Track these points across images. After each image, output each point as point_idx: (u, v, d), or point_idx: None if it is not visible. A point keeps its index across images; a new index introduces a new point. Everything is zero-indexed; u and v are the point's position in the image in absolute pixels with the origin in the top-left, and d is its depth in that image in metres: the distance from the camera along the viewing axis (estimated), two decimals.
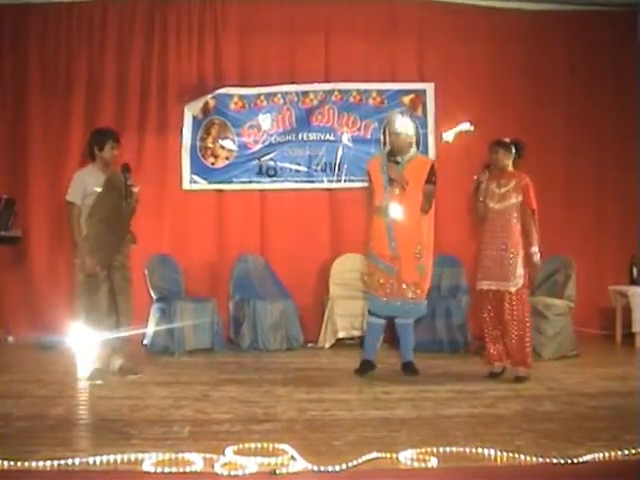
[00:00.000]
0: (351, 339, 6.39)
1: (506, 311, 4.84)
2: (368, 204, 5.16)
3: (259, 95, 6.82)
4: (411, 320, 5.08)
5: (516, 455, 3.12)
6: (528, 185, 4.85)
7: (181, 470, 2.93)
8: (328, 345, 6.34)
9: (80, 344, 4.93)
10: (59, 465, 2.96)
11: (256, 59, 6.87)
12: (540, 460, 3.05)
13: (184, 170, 6.76)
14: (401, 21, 6.95)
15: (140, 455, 3.09)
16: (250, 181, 6.82)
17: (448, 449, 3.20)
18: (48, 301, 6.47)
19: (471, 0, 7.00)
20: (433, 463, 3.04)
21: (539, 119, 6.88)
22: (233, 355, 5.96)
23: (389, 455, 3.13)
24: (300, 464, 3.00)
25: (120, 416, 3.87)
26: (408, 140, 5.00)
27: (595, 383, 4.86)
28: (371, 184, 5.09)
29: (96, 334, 4.79)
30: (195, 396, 4.37)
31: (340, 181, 6.85)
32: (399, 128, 4.97)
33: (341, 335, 6.35)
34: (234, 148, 6.82)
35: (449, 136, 5.51)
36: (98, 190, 4.80)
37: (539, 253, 4.82)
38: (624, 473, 2.97)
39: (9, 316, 6.55)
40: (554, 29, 7.08)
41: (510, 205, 4.87)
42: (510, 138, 5.00)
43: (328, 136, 6.86)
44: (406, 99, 6.92)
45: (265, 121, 6.83)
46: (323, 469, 2.92)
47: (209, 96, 6.71)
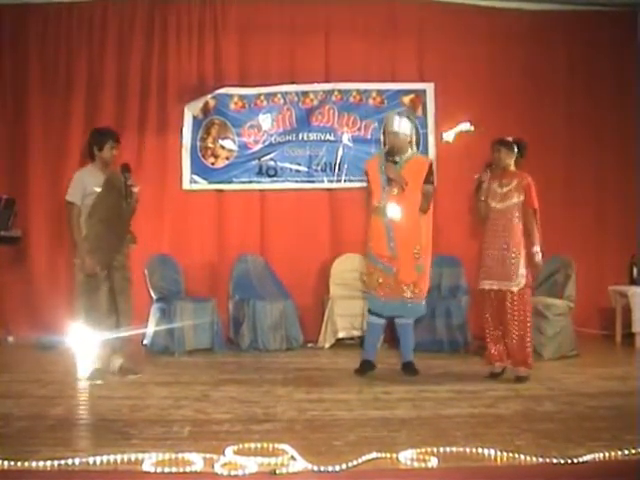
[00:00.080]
0: (351, 339, 6.39)
1: (507, 311, 4.84)
2: (366, 204, 5.16)
3: (259, 95, 6.82)
4: (411, 320, 5.08)
5: (516, 455, 3.12)
6: (530, 185, 4.85)
7: (181, 470, 2.93)
8: (328, 345, 6.34)
9: (80, 344, 4.93)
10: (59, 465, 2.96)
11: (256, 59, 6.87)
12: (540, 460, 3.05)
13: (184, 170, 6.76)
14: (401, 21, 6.95)
15: (140, 455, 3.10)
16: (250, 181, 6.82)
17: (448, 449, 3.20)
18: (48, 301, 6.48)
19: (471, 0, 7.00)
20: (433, 463, 3.04)
21: (539, 119, 6.88)
22: (233, 355, 5.96)
23: (389, 455, 3.13)
24: (300, 464, 3.01)
25: (120, 416, 3.87)
26: (406, 140, 5.00)
27: (595, 383, 4.86)
28: (369, 184, 5.09)
29: (96, 334, 4.80)
30: (195, 396, 4.37)
31: (340, 181, 6.86)
32: (397, 128, 4.97)
33: (341, 335, 6.35)
34: (234, 148, 6.82)
35: (449, 136, 5.51)
36: (98, 190, 4.80)
37: (541, 253, 4.82)
38: (624, 473, 2.97)
39: (9, 316, 6.56)
40: (554, 29, 7.08)
41: (512, 204, 4.86)
42: (513, 137, 4.99)
43: (328, 136, 6.86)
44: (406, 99, 6.92)
45: (265, 121, 6.83)
46: (323, 469, 2.92)
47: (209, 96, 6.71)
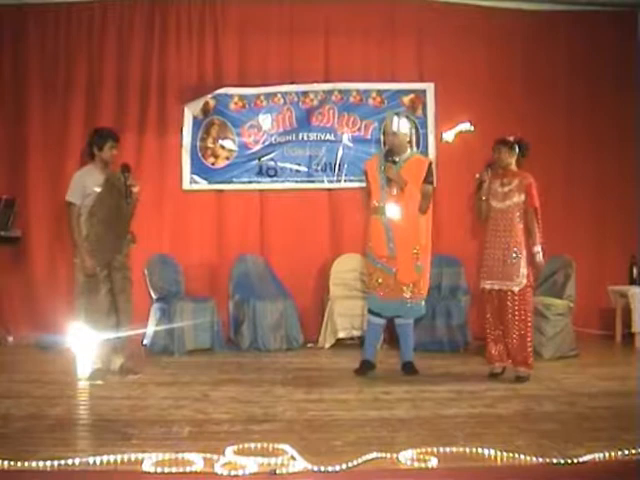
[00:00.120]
0: (351, 339, 6.38)
1: (508, 311, 4.84)
2: (365, 204, 5.16)
3: (259, 95, 6.81)
4: (410, 320, 5.08)
5: (516, 455, 3.12)
6: (531, 184, 4.84)
7: (181, 470, 2.94)
8: (328, 345, 6.33)
9: (80, 344, 4.93)
10: (59, 465, 2.96)
11: (256, 59, 6.86)
12: (540, 460, 3.06)
13: (184, 170, 6.75)
14: (401, 21, 6.94)
15: (140, 455, 3.10)
16: (250, 181, 6.82)
17: (448, 449, 3.20)
18: (48, 301, 6.47)
19: (471, 0, 7.00)
20: (433, 463, 3.05)
21: (539, 119, 6.86)
22: (233, 355, 5.96)
23: (389, 455, 3.13)
24: (300, 464, 3.01)
25: (120, 416, 3.88)
26: (405, 140, 5.00)
27: (595, 383, 4.86)
28: (368, 184, 5.09)
29: (96, 334, 4.80)
30: (195, 396, 4.37)
31: (340, 181, 6.85)
32: (395, 128, 4.97)
33: (341, 335, 6.34)
34: (234, 148, 6.81)
35: (449, 136, 5.52)
36: (98, 190, 4.80)
37: (542, 252, 4.81)
38: (624, 473, 2.98)
39: (9, 316, 6.55)
40: (554, 29, 7.07)
41: (513, 204, 4.85)
42: (514, 137, 4.98)
43: (328, 136, 6.86)
44: (406, 99, 6.92)
45: (265, 121, 6.83)
46: (323, 469, 2.92)
47: (209, 96, 6.71)
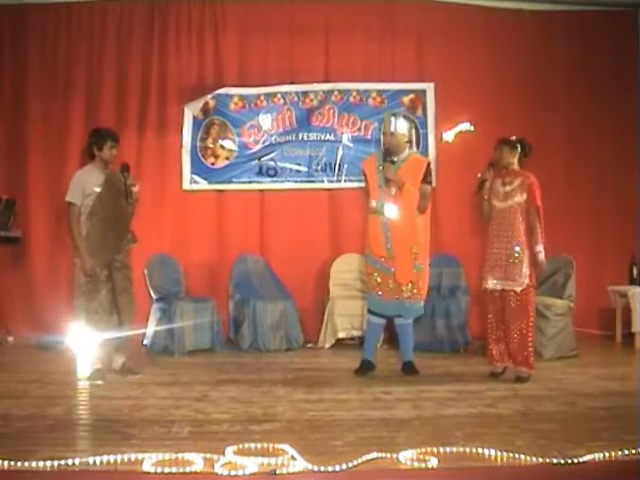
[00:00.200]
0: (351, 339, 6.38)
1: (510, 310, 4.83)
2: (365, 204, 5.16)
3: (259, 95, 6.81)
4: (410, 320, 5.08)
5: (516, 455, 3.12)
6: (533, 183, 4.82)
7: (181, 470, 2.94)
8: (328, 345, 6.33)
9: (80, 344, 4.93)
10: (59, 465, 2.96)
11: (256, 59, 6.86)
12: (540, 460, 3.06)
13: (184, 170, 6.76)
14: (401, 21, 6.95)
15: (140, 455, 3.10)
16: (250, 181, 6.82)
17: (448, 449, 3.20)
18: (48, 301, 6.48)
19: (471, 0, 7.00)
20: (433, 463, 3.05)
21: (539, 119, 6.87)
22: (233, 355, 5.96)
23: (389, 455, 3.13)
24: (300, 464, 3.01)
25: (120, 416, 3.87)
26: (403, 140, 4.99)
27: (595, 383, 4.86)
28: (367, 184, 5.09)
29: (96, 334, 4.80)
30: (195, 396, 4.37)
31: (340, 181, 6.85)
32: (393, 129, 4.96)
33: (341, 335, 6.34)
34: (234, 148, 6.82)
35: (449, 136, 5.52)
36: (98, 190, 4.80)
37: (544, 252, 4.79)
38: (624, 473, 2.98)
39: (9, 316, 6.55)
40: (554, 29, 7.07)
41: (515, 204, 4.84)
42: (516, 137, 4.96)
43: (328, 136, 6.86)
44: (406, 99, 6.92)
45: (265, 121, 6.83)
46: (323, 469, 2.92)
47: (209, 96, 6.71)
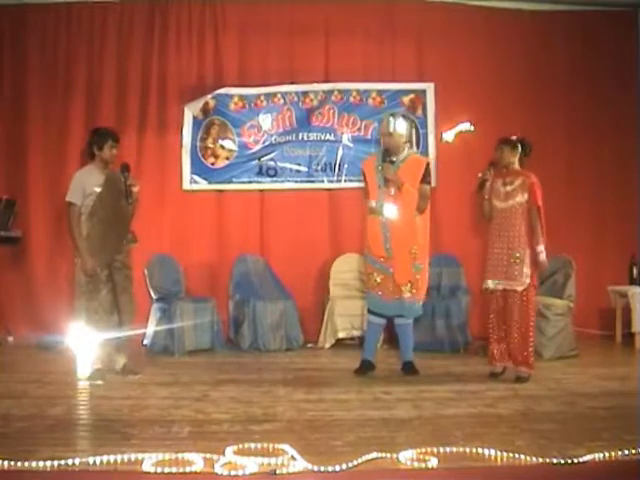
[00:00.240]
0: (351, 339, 6.38)
1: (511, 310, 4.83)
2: (364, 204, 5.16)
3: (259, 95, 6.81)
4: (410, 320, 5.08)
5: (516, 455, 3.12)
6: (534, 183, 4.81)
7: (181, 470, 2.94)
8: (328, 345, 6.33)
9: (80, 344, 4.93)
10: (59, 465, 2.96)
11: (256, 59, 6.86)
12: (540, 460, 3.05)
13: (184, 170, 6.76)
14: (401, 21, 6.94)
15: (140, 455, 3.10)
16: (250, 181, 6.82)
17: (448, 449, 3.20)
18: (48, 301, 6.48)
19: (471, 0, 7.00)
20: (433, 463, 3.05)
21: (539, 119, 6.86)
22: (233, 355, 5.96)
23: (389, 455, 3.13)
24: (300, 464, 3.01)
25: (120, 416, 3.87)
26: (401, 140, 4.99)
27: (595, 383, 4.86)
28: (366, 184, 5.09)
29: (97, 334, 4.79)
30: (195, 396, 4.37)
31: (340, 181, 6.85)
32: (391, 129, 4.96)
33: (341, 335, 6.34)
34: (234, 148, 6.82)
35: (449, 136, 5.52)
36: (98, 190, 4.80)
37: (545, 252, 4.78)
38: (624, 473, 2.98)
39: (9, 316, 6.55)
40: (554, 29, 7.07)
41: (516, 203, 4.84)
42: (517, 136, 4.95)
43: (328, 136, 6.86)
44: (406, 99, 6.92)
45: (265, 121, 6.83)
46: (323, 469, 2.92)
47: (209, 96, 6.71)
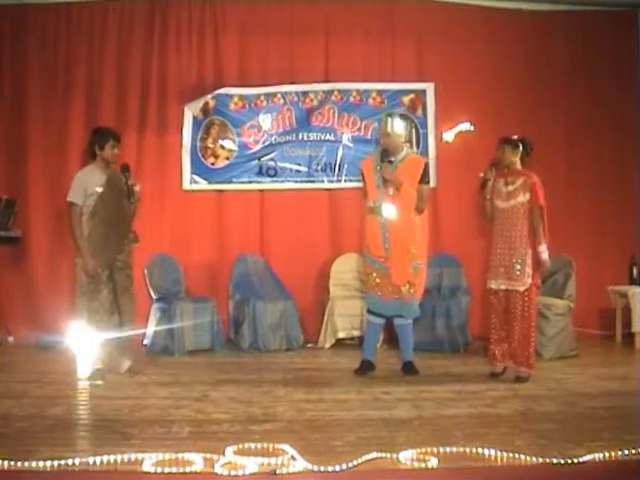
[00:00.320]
0: (351, 339, 6.38)
1: (513, 310, 4.82)
2: (364, 204, 5.16)
3: (259, 95, 6.81)
4: (410, 320, 5.07)
5: (516, 455, 3.12)
6: (536, 183, 4.80)
7: (181, 470, 2.94)
8: (328, 345, 6.33)
9: (80, 344, 4.93)
10: (59, 465, 2.96)
11: (256, 59, 6.86)
12: (540, 460, 3.06)
13: (184, 170, 6.76)
14: (401, 21, 6.94)
15: (140, 455, 3.10)
16: (250, 181, 6.82)
17: (448, 449, 3.20)
18: (48, 301, 6.47)
19: (471, 0, 7.00)
20: (433, 463, 3.05)
21: (539, 119, 6.85)
22: (233, 355, 5.96)
23: (389, 455, 3.13)
24: (300, 464, 3.01)
25: (120, 416, 3.88)
26: (399, 140, 4.99)
27: (595, 383, 4.86)
28: (365, 184, 5.09)
29: (97, 334, 4.80)
30: (195, 396, 4.37)
31: (340, 181, 6.85)
32: (389, 129, 4.95)
33: (341, 335, 6.34)
34: (234, 148, 6.82)
35: (449, 136, 5.52)
36: (99, 190, 4.80)
37: (547, 251, 4.77)
38: (624, 473, 2.98)
39: (9, 316, 6.55)
40: (554, 29, 7.07)
41: (517, 203, 4.82)
42: (518, 136, 4.93)
43: (328, 136, 6.86)
44: (406, 99, 6.91)
45: (265, 121, 6.83)
46: (323, 469, 2.92)
47: (209, 96, 6.71)
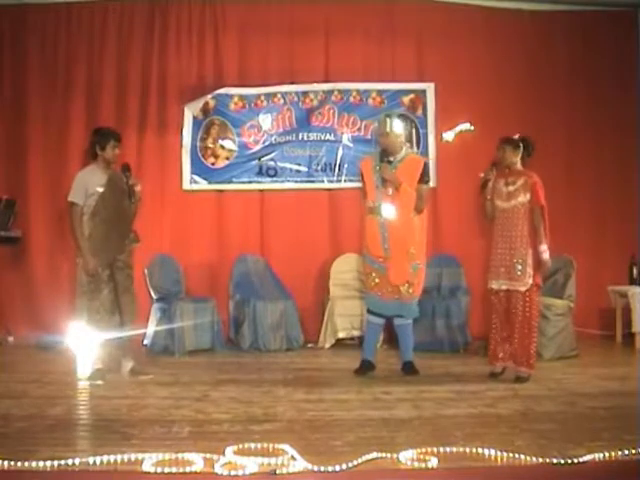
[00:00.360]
0: (351, 339, 6.38)
1: (514, 311, 4.82)
2: (363, 204, 5.16)
3: (259, 95, 6.81)
4: (410, 320, 5.07)
5: (516, 455, 3.12)
6: (536, 183, 4.79)
7: (181, 470, 2.94)
8: (328, 345, 6.33)
9: (80, 344, 4.93)
10: (59, 465, 2.96)
11: (256, 59, 6.86)
12: (540, 460, 3.05)
13: (184, 170, 6.76)
14: (401, 21, 6.94)
15: (140, 455, 3.10)
16: (250, 181, 6.82)
17: (448, 449, 3.20)
18: (48, 301, 6.48)
19: (471, 0, 7.00)
20: (433, 463, 3.05)
21: (539, 119, 6.85)
22: (233, 355, 5.96)
23: (389, 455, 3.13)
24: (300, 464, 3.01)
25: (120, 416, 3.88)
26: (398, 140, 4.98)
27: (595, 383, 4.85)
28: (364, 184, 5.09)
29: (98, 334, 4.79)
30: (195, 396, 4.37)
31: (340, 181, 6.85)
32: (388, 129, 4.95)
33: (341, 335, 6.34)
34: (234, 148, 6.82)
35: (449, 136, 5.51)
36: (100, 190, 4.79)
37: (548, 251, 4.76)
38: (624, 473, 2.98)
39: (9, 316, 6.55)
40: (554, 29, 7.07)
41: (518, 203, 4.82)
42: (519, 136, 4.92)
43: (328, 136, 6.86)
44: (406, 99, 6.92)
45: (265, 121, 6.83)
46: (323, 469, 2.92)
47: (209, 96, 6.71)
